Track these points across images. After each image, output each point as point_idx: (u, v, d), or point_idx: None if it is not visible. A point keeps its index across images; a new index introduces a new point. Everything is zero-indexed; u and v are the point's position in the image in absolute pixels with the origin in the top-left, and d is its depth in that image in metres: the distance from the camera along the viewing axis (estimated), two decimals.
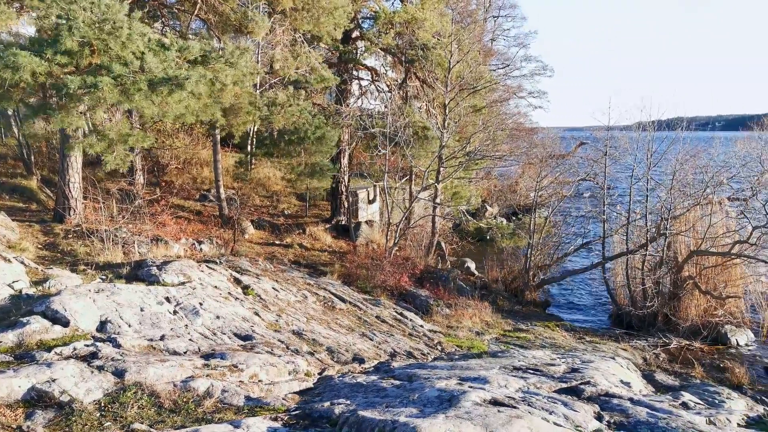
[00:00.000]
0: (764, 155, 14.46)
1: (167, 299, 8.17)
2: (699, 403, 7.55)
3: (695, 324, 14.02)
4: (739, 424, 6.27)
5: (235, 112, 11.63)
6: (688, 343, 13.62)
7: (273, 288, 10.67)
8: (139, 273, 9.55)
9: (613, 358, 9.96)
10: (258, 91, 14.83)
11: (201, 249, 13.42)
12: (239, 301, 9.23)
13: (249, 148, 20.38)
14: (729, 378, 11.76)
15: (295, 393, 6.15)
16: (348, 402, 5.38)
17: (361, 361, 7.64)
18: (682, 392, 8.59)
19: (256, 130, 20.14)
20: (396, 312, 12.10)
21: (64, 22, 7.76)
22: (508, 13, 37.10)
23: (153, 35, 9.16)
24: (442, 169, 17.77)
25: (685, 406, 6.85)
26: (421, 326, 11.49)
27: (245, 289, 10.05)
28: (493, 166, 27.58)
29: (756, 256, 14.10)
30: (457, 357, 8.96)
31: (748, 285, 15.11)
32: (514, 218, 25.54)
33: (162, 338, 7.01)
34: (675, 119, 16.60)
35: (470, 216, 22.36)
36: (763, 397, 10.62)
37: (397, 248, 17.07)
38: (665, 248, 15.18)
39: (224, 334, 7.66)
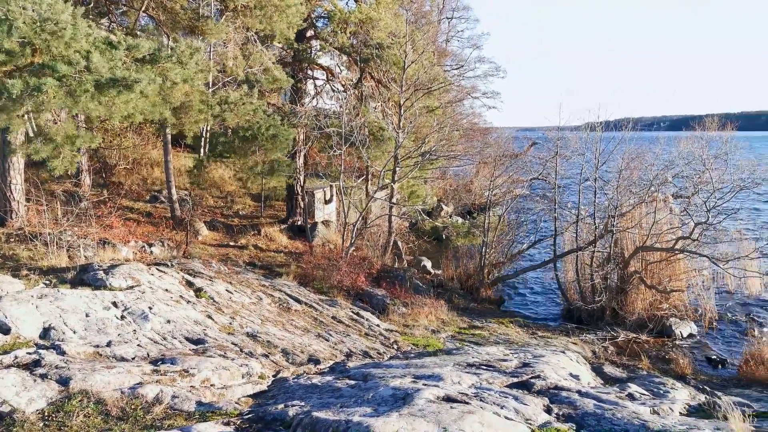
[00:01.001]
0: (705, 154, 15.14)
1: (114, 304, 7.93)
2: (644, 394, 7.84)
3: (641, 317, 14.53)
4: (681, 413, 6.54)
5: (186, 111, 11.36)
6: (635, 335, 14.11)
7: (227, 290, 10.49)
8: (84, 277, 9.22)
9: (564, 352, 10.24)
10: (210, 90, 14.55)
11: (151, 252, 13.06)
12: (191, 304, 9.03)
13: (202, 147, 19.98)
14: (673, 369, 12.23)
15: (248, 396, 6.07)
16: (302, 403, 5.35)
17: (317, 362, 7.60)
18: (629, 383, 8.90)
19: (209, 129, 19.76)
20: (352, 312, 12.09)
21: (3, 21, 7.40)
22: (461, 14, 37.62)
23: (100, 33, 8.86)
24: (398, 168, 17.86)
25: (631, 397, 7.10)
26: (378, 326, 11.51)
27: (198, 291, 9.84)
28: (448, 166, 27.91)
29: (698, 252, 14.73)
30: (412, 355, 9.02)
31: (691, 279, 15.78)
32: (469, 217, 25.93)
33: (109, 344, 6.80)
34: (622, 120, 17.20)
35: (426, 215, 22.55)
36: (705, 386, 11.10)
37: (353, 248, 17.05)
38: (612, 245, 15.71)
39: (175, 338, 7.49)
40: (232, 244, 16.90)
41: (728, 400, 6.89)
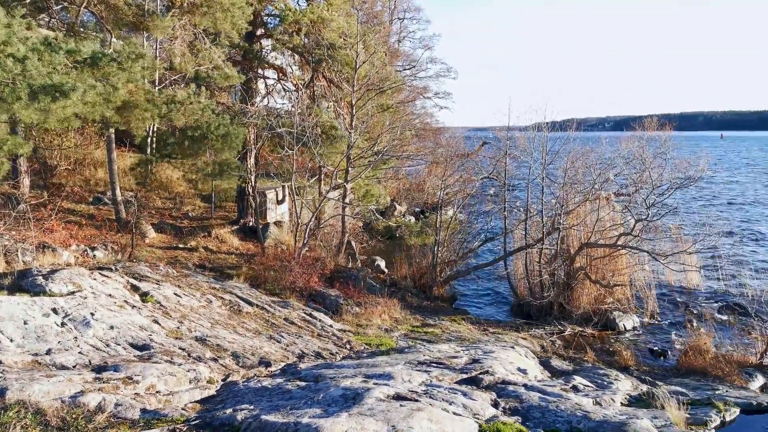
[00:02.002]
0: (645, 154, 15.79)
1: (54, 311, 7.63)
2: (588, 386, 8.12)
3: (587, 311, 15.01)
4: (622, 403, 6.82)
5: (131, 110, 11.01)
6: (581, 329, 14.57)
7: (175, 294, 10.25)
8: (22, 283, 8.83)
9: (513, 348, 10.47)
10: (157, 88, 14.17)
11: (94, 255, 12.62)
12: (136, 309, 8.78)
13: (149, 147, 19.42)
14: (617, 360, 12.67)
15: (196, 402, 5.96)
16: (252, 407, 5.30)
17: (268, 364, 7.53)
18: (574, 376, 9.19)
19: (156, 128, 19.23)
20: (305, 313, 12.02)
21: None
22: (413, 15, 37.89)
23: (39, 34, 8.46)
24: (350, 168, 17.85)
25: (575, 389, 7.35)
26: (331, 326, 11.49)
27: (144, 296, 9.58)
28: (401, 166, 28.08)
29: (638, 247, 15.34)
30: (365, 355, 9.05)
31: (633, 274, 16.39)
32: (422, 216, 26.16)
33: (48, 352, 6.55)
34: (568, 120, 17.74)
35: (380, 215, 22.64)
36: (647, 377, 11.57)
37: (306, 249, 16.93)
38: (559, 242, 16.18)
39: (119, 344, 7.27)
40: (181, 246, 16.51)
41: (665, 390, 7.23)
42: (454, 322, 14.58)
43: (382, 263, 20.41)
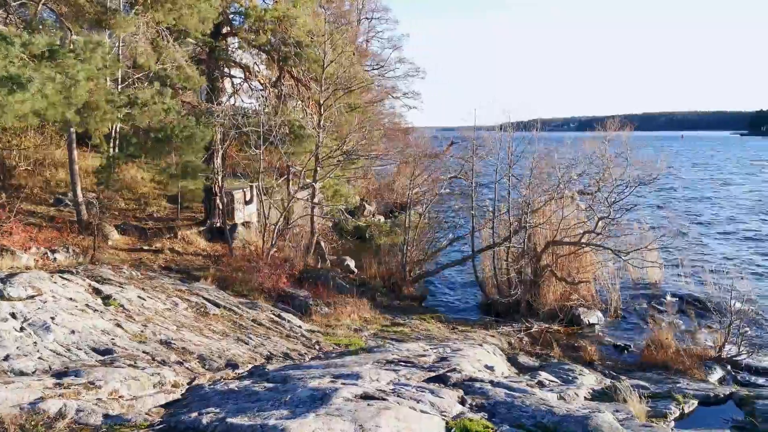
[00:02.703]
0: (607, 153, 16.17)
1: (13, 315, 7.40)
2: (553, 381, 8.28)
3: (553, 308, 15.26)
4: (585, 397, 6.97)
5: (91, 110, 10.73)
6: (547, 326, 14.80)
7: (139, 297, 10.05)
8: None
9: (481, 345, 10.61)
10: (120, 88, 13.85)
11: (55, 258, 12.28)
12: (99, 312, 8.58)
13: (112, 147, 18.96)
14: (582, 356, 12.93)
15: (161, 406, 5.86)
16: (218, 410, 5.24)
17: (235, 366, 7.45)
18: (540, 372, 9.37)
19: (119, 129, 18.81)
20: (274, 314, 11.93)
21: None
22: (381, 15, 37.90)
23: None
24: (319, 168, 17.78)
25: (541, 384, 7.49)
26: (300, 327, 11.43)
27: (106, 299, 9.36)
28: (370, 166, 28.07)
29: (602, 245, 15.70)
30: (334, 355, 9.04)
31: (597, 270, 16.76)
32: (391, 216, 26.23)
33: (6, 358, 6.35)
34: (534, 121, 18.01)
35: (349, 215, 22.59)
36: (611, 371, 11.85)
37: (275, 249, 16.79)
38: (526, 240, 16.42)
39: (80, 349, 7.09)
40: (146, 248, 16.19)
41: (627, 384, 7.41)
42: (424, 321, 14.66)
43: (351, 263, 20.38)
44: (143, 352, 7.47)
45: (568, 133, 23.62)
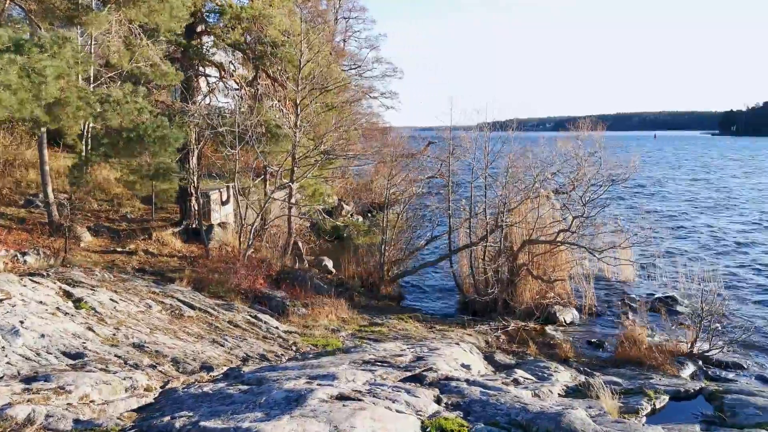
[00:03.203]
0: (580, 153, 16.39)
1: None
2: (529, 378, 8.36)
3: (529, 306, 15.41)
4: (559, 394, 7.05)
5: (62, 108, 10.50)
6: (524, 324, 14.93)
7: (111, 299, 9.87)
8: None
9: (458, 344, 10.64)
10: (92, 86, 13.59)
11: (25, 261, 12.00)
12: (70, 316, 8.41)
13: (84, 147, 18.60)
14: (557, 353, 13.07)
15: (133, 410, 5.76)
16: (191, 414, 5.17)
17: (210, 369, 7.36)
18: (516, 369, 9.44)
19: (91, 128, 18.45)
20: (250, 315, 11.82)
21: None
22: (358, 15, 37.90)
23: None
24: (296, 168, 17.69)
25: (516, 382, 7.55)
26: (276, 328, 11.35)
27: (78, 302, 9.18)
28: (348, 165, 28.03)
29: (576, 243, 15.90)
30: (311, 356, 8.99)
31: (572, 269, 16.97)
32: (369, 216, 26.23)
33: None
34: (510, 120, 18.17)
35: (327, 215, 22.52)
36: (585, 368, 12.00)
37: (252, 250, 16.67)
38: (503, 239, 16.55)
39: (50, 353, 6.94)
40: (119, 250, 15.93)
41: (600, 381, 7.51)
42: (402, 321, 14.67)
43: (329, 263, 20.33)
44: (115, 355, 7.34)
45: (543, 133, 23.88)
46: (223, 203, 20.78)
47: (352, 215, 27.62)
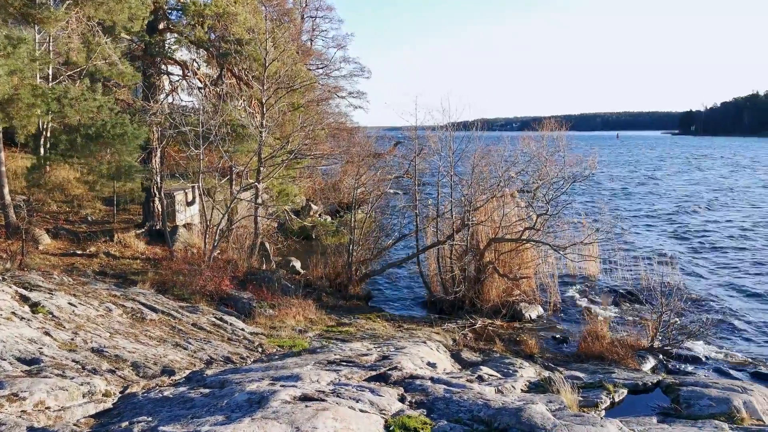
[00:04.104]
0: (545, 152, 16.67)
1: None
2: (493, 375, 8.45)
3: (496, 304, 15.60)
4: (522, 390, 7.14)
5: (14, 105, 10.16)
6: (490, 321, 15.10)
7: (70, 303, 9.61)
8: None
9: (425, 342, 10.72)
10: (51, 84, 13.20)
11: None
12: (26, 321, 8.15)
13: (42, 146, 18.05)
14: (523, 349, 13.27)
15: (90, 417, 5.61)
16: (150, 419, 5.07)
17: (171, 373, 7.23)
18: (481, 366, 9.55)
19: (49, 126, 17.92)
20: (215, 317, 11.66)
21: None
22: (324, 14, 37.75)
23: None
24: (262, 168, 17.51)
25: (480, 379, 7.62)
26: (242, 329, 11.21)
27: (34, 306, 8.90)
28: (316, 165, 27.88)
29: (541, 240, 16.15)
30: (276, 357, 8.92)
31: (538, 266, 17.24)
32: (337, 216, 26.14)
33: None
34: (478, 120, 18.34)
35: (294, 215, 22.37)
36: (550, 363, 12.21)
37: (218, 251, 16.44)
38: (469, 238, 16.70)
39: (4, 360, 6.71)
40: (79, 252, 15.52)
41: (561, 376, 7.65)
42: (370, 320, 14.68)
43: (297, 264, 20.20)
44: (73, 360, 7.14)
45: (509, 133, 24.21)
46: (189, 204, 20.44)
47: (320, 215, 27.50)
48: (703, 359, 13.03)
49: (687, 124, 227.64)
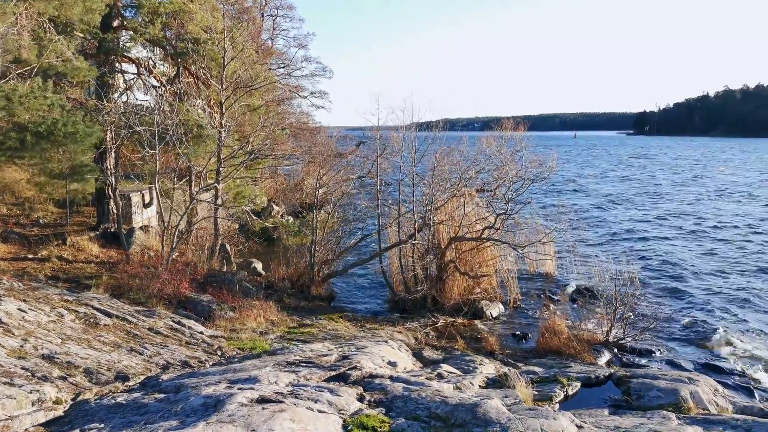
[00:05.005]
0: (503, 152, 16.95)
1: None
2: (453, 372, 8.56)
3: (457, 302, 15.76)
4: (480, 386, 7.26)
5: None
6: (452, 319, 15.27)
7: (19, 309, 9.28)
8: None
9: (387, 342, 10.77)
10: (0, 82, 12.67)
11: None
12: None
13: None
14: (484, 346, 13.44)
15: (40, 425, 5.46)
16: (102, 426, 4.96)
17: (126, 378, 7.07)
18: (442, 364, 9.64)
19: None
20: (173, 321, 11.44)
21: None
22: (285, 13, 37.40)
23: None
24: (221, 169, 17.25)
25: (440, 376, 7.71)
26: (201, 333, 11.04)
27: None
28: (277, 165, 27.62)
29: (501, 239, 16.42)
30: (236, 360, 8.82)
31: (497, 264, 17.51)
32: (299, 216, 25.94)
33: None
34: (440, 120, 18.50)
35: (256, 216, 22.10)
36: (509, 360, 12.42)
37: (176, 253, 16.12)
38: (431, 237, 16.84)
39: None
40: (30, 256, 15.01)
41: (516, 371, 7.80)
42: (332, 321, 14.63)
43: (258, 265, 19.98)
44: (22, 368, 6.90)
45: (470, 133, 24.53)
46: (146, 205, 19.98)
47: (282, 216, 27.27)
48: (656, 352, 13.48)
49: (641, 124, 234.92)
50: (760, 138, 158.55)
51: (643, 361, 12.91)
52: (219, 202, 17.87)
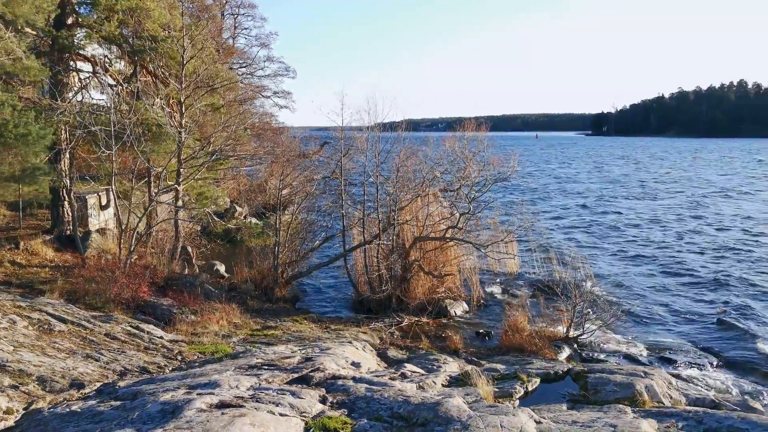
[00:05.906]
0: (465, 152, 17.13)
1: None
2: (416, 372, 8.60)
3: (422, 301, 15.86)
4: (443, 384, 7.32)
5: None
6: (417, 319, 15.35)
7: None
8: None
9: (351, 342, 10.75)
10: None
11: None
12: None
13: None
14: (448, 345, 13.57)
15: None
16: None
17: (81, 386, 6.86)
18: (406, 364, 9.68)
19: None
20: (131, 326, 11.14)
21: None
22: (246, 12, 36.91)
23: None
24: (182, 169, 16.92)
25: (403, 376, 7.74)
26: (161, 338, 10.79)
27: None
28: (240, 166, 27.25)
29: (464, 239, 16.59)
30: (196, 364, 8.66)
31: (461, 263, 17.68)
32: (263, 217, 25.67)
33: None
34: (405, 121, 18.57)
35: (218, 217, 21.76)
36: (473, 358, 12.57)
37: (135, 257, 15.73)
38: (395, 237, 16.90)
39: None
40: None
41: (478, 369, 7.90)
42: (296, 322, 14.53)
43: (221, 267, 19.69)
44: None
45: (434, 133, 24.70)
46: (103, 208, 19.43)
47: (245, 217, 26.92)
48: (615, 346, 13.86)
49: (599, 125, 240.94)
50: (711, 138, 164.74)
51: (602, 356, 13.25)
52: (180, 203, 17.53)
